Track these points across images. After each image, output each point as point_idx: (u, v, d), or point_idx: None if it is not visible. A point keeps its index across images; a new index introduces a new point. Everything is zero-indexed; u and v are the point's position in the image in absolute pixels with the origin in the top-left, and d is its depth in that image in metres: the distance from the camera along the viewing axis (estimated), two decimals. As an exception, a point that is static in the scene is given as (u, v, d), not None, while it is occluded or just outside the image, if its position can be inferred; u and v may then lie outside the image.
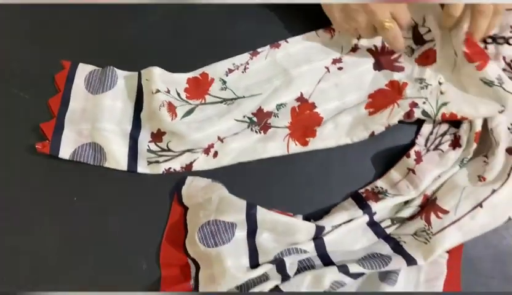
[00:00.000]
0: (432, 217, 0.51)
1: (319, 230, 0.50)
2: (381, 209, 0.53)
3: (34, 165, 0.55)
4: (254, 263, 0.50)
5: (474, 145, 0.53)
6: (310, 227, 0.50)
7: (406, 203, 0.54)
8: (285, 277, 0.49)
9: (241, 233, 0.50)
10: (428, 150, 0.55)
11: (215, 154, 0.56)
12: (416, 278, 0.53)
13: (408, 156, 0.55)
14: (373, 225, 0.53)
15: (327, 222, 0.51)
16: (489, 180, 0.51)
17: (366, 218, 0.52)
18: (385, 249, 0.51)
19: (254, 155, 0.56)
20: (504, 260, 0.54)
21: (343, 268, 0.48)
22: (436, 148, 0.55)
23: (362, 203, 0.53)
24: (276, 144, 0.56)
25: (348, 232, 0.52)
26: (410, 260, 0.50)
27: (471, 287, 0.54)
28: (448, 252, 0.53)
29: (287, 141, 0.56)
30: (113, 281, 0.52)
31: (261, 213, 0.51)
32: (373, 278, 0.52)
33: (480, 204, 0.49)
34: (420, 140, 0.56)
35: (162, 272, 0.52)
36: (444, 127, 0.56)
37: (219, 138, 0.56)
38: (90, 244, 0.53)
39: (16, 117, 0.57)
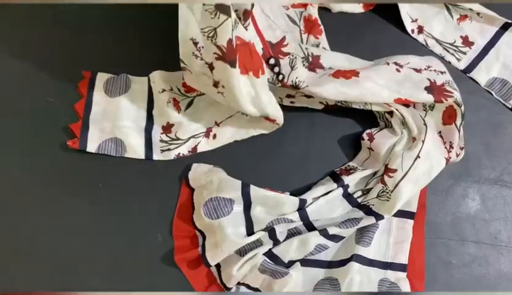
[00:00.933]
0: (386, 178, 0.60)
1: (302, 203, 0.60)
2: (352, 180, 0.62)
3: (65, 159, 0.64)
4: (250, 232, 0.59)
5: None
6: (294, 200, 0.60)
7: (374, 174, 0.63)
8: (276, 242, 0.59)
9: (238, 207, 0.60)
10: (380, 129, 0.64)
11: (214, 136, 0.65)
12: (386, 241, 0.62)
13: (363, 139, 0.64)
14: (348, 196, 0.63)
15: (308, 196, 0.61)
16: (417, 136, 0.60)
17: (340, 190, 0.61)
18: (358, 214, 0.61)
19: (246, 134, 0.65)
20: (460, 225, 0.63)
21: (323, 232, 0.58)
22: (386, 126, 0.65)
23: (336, 178, 0.62)
24: (264, 125, 0.64)
25: (326, 203, 0.61)
26: (378, 216, 0.59)
27: (433, 247, 0.62)
28: (413, 219, 0.62)
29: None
30: (134, 251, 0.61)
31: (254, 190, 0.60)
32: (350, 241, 0.61)
33: (418, 156, 0.58)
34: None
35: (175, 242, 0.62)
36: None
37: (216, 123, 0.65)
38: (114, 222, 0.62)
39: (46, 119, 0.65)
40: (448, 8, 0.69)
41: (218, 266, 0.60)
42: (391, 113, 0.63)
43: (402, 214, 0.62)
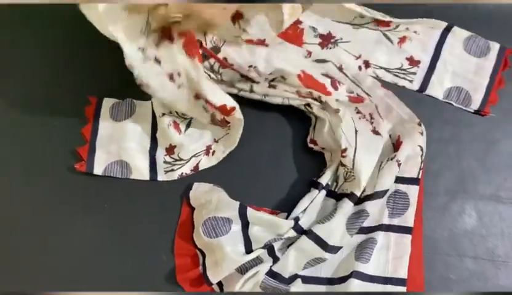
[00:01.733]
0: (342, 159, 0.62)
1: (296, 220, 0.61)
2: (327, 178, 0.64)
3: (72, 181, 0.66)
4: (249, 250, 0.60)
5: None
6: (289, 222, 0.61)
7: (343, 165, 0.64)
8: (275, 259, 0.60)
9: (236, 226, 0.61)
10: (313, 127, 0.67)
11: (213, 153, 0.67)
12: (385, 256, 0.62)
13: (311, 147, 0.67)
14: (329, 193, 0.65)
15: (297, 211, 0.62)
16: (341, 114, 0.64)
17: (323, 192, 0.63)
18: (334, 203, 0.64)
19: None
20: (458, 240, 0.64)
21: (311, 233, 0.60)
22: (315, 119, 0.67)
23: (316, 184, 0.64)
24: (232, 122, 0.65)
25: (314, 209, 0.63)
26: (350, 196, 0.61)
27: (432, 263, 0.63)
28: (411, 234, 0.63)
29: None
30: (139, 270, 0.63)
31: (251, 212, 0.62)
32: (349, 258, 0.62)
33: (355, 130, 0.64)
34: None
35: (176, 261, 0.63)
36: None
37: (214, 140, 0.67)
38: (120, 242, 0.64)
39: (54, 142, 0.68)
40: (386, 34, 0.70)
41: (220, 284, 0.61)
42: (309, 105, 0.65)
43: (399, 229, 0.63)
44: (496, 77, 0.69)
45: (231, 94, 0.62)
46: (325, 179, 0.64)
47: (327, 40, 0.70)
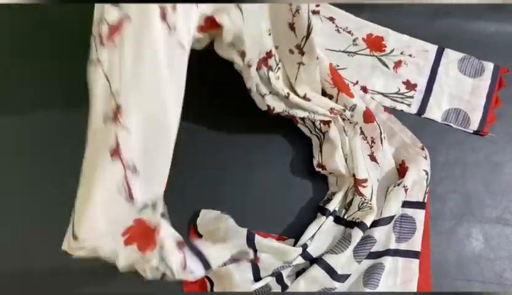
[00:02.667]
0: (361, 189, 0.62)
1: (304, 247, 0.61)
2: (335, 204, 0.63)
3: None
4: (257, 278, 0.60)
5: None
6: (297, 249, 0.61)
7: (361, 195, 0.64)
8: (284, 287, 0.60)
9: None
10: (319, 150, 0.67)
11: None
12: (393, 282, 0.62)
13: (318, 171, 0.67)
14: (338, 220, 0.64)
15: (305, 238, 0.62)
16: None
17: (331, 218, 0.63)
18: (346, 232, 0.63)
19: None
20: (466, 264, 0.64)
21: (321, 262, 0.59)
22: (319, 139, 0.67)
23: (323, 210, 0.64)
24: None
25: (322, 236, 0.63)
26: (361, 225, 0.61)
27: (440, 287, 0.63)
28: (418, 258, 0.63)
29: None
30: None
31: (258, 240, 0.61)
32: (357, 284, 0.62)
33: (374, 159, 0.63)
34: None
35: (184, 289, 0.63)
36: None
37: None
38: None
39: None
40: (381, 59, 0.71)
41: None
42: (328, 123, 0.64)
43: (406, 254, 0.63)
44: (492, 96, 0.69)
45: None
46: (332, 205, 0.63)
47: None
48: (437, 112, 0.69)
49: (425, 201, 0.65)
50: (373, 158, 0.64)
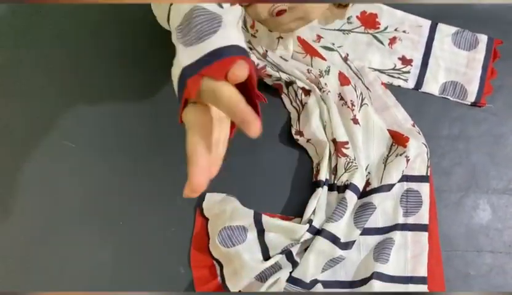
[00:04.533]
0: (344, 150, 0.63)
1: (309, 223, 0.61)
2: (324, 173, 0.63)
3: (89, 202, 0.64)
4: (266, 257, 0.60)
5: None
6: (304, 226, 0.60)
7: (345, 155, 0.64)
8: (294, 264, 0.59)
9: (252, 234, 0.60)
10: (297, 119, 0.67)
11: None
12: (404, 255, 0.62)
13: (297, 139, 0.66)
14: (330, 188, 0.64)
15: (308, 213, 0.62)
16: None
17: (325, 188, 0.63)
18: (339, 196, 0.63)
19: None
20: (475, 236, 0.64)
21: (325, 233, 0.59)
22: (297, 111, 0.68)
23: (316, 183, 0.64)
24: None
25: (322, 208, 0.62)
26: (353, 188, 0.61)
27: (450, 259, 0.63)
28: (427, 231, 0.62)
29: None
30: (157, 285, 0.62)
31: (265, 219, 0.61)
32: (368, 259, 0.62)
33: (354, 119, 0.64)
34: None
35: (194, 274, 0.62)
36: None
37: None
38: (137, 257, 0.62)
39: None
40: (376, 36, 0.71)
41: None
42: (309, 92, 0.66)
43: (415, 227, 0.63)
44: (488, 68, 0.70)
45: None
46: (322, 175, 0.63)
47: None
48: (434, 86, 0.70)
49: (428, 174, 0.65)
50: (355, 121, 0.65)
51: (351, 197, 0.61)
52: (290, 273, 0.59)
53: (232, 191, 0.65)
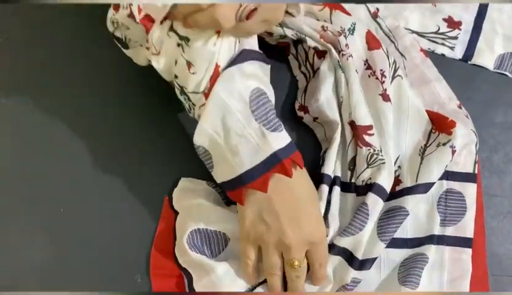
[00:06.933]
0: (366, 137, 0.50)
1: None
2: (331, 166, 0.51)
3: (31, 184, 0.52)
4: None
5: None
6: None
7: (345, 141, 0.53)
8: None
9: (235, 246, 0.48)
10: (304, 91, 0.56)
11: None
12: (439, 278, 0.51)
13: (301, 117, 0.55)
14: (345, 187, 0.52)
15: None
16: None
17: (338, 189, 0.51)
18: (359, 201, 0.51)
19: None
20: (532, 256, 0.52)
21: (335, 249, 0.48)
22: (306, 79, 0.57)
23: (321, 177, 0.51)
24: None
25: (332, 213, 0.50)
26: (377, 189, 0.49)
27: (499, 287, 0.51)
28: (471, 247, 0.51)
29: None
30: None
31: None
32: (392, 281, 0.50)
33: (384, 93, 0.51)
34: None
35: (153, 285, 0.49)
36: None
37: None
38: (84, 259, 0.50)
39: None
40: None
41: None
42: (323, 55, 0.53)
43: (455, 241, 0.51)
44: None
45: None
46: (328, 167, 0.50)
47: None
48: (489, 57, 0.59)
49: (476, 172, 0.53)
50: (386, 97, 0.52)
51: (374, 202, 0.48)
52: None
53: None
